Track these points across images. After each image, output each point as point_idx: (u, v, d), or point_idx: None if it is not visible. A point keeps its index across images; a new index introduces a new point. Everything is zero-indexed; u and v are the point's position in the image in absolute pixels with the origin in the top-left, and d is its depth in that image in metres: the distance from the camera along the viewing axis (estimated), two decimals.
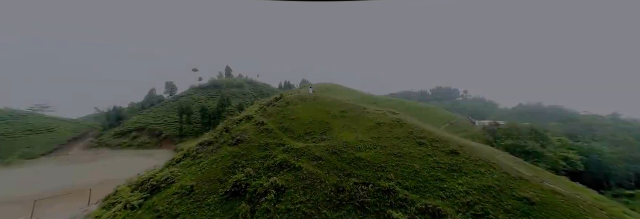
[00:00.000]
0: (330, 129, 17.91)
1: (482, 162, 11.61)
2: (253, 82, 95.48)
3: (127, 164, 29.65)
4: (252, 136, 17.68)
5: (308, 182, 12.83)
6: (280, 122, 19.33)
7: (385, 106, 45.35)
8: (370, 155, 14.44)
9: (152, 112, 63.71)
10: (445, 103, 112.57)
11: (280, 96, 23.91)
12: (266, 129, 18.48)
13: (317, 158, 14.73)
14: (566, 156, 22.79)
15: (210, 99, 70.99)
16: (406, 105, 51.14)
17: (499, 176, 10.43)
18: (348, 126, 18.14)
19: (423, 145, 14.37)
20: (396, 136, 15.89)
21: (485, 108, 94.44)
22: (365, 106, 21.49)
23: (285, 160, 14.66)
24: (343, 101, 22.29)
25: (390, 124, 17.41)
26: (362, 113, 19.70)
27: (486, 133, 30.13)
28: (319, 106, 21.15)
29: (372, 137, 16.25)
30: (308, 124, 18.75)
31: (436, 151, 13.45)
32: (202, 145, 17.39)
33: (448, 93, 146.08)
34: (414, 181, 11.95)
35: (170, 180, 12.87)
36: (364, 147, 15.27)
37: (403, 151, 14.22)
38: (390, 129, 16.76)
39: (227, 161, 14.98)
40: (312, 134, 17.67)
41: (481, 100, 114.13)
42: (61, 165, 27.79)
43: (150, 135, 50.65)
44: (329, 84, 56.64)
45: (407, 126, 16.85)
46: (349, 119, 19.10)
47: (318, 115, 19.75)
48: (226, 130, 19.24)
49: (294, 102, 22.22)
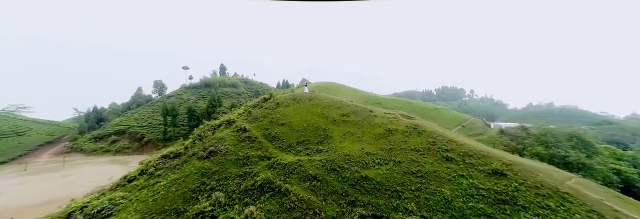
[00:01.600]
0: (329, 138, 14.67)
1: (548, 191, 8.36)
2: (249, 81, 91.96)
3: (94, 174, 26.24)
4: (230, 146, 14.40)
5: (297, 214, 9.59)
6: (266, 129, 16.07)
7: (391, 107, 42.18)
8: (381, 174, 11.21)
9: (136, 113, 60.26)
10: (451, 103, 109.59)
11: (270, 96, 20.64)
12: (248, 138, 15.21)
13: (311, 178, 11.49)
14: (618, 169, 19.50)
15: (201, 100, 67.56)
16: (413, 106, 47.95)
17: (585, 218, 7.18)
18: (351, 133, 14.90)
19: (452, 161, 11.13)
20: (414, 147, 12.64)
21: (494, 108, 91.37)
22: (372, 108, 18.22)
23: (268, 180, 11.41)
24: (344, 102, 19.03)
25: (404, 131, 14.16)
26: (368, 117, 16.45)
27: (508, 138, 26.88)
28: (316, 109, 17.88)
29: (382, 148, 13.00)
30: (301, 131, 15.50)
31: (472, 171, 10.20)
32: (166, 158, 14.10)
33: (454, 93, 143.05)
34: (445, 216, 8.71)
35: (107, 213, 9.57)
36: (372, 162, 12.05)
37: (425, 169, 10.99)
38: (405, 138, 13.51)
39: (192, 181, 11.70)
40: (306, 144, 14.43)
41: (489, 100, 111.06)
42: (9, 178, 24.27)
43: (131, 139, 47.25)
44: (328, 82, 53.29)
45: (426, 133, 13.60)
46: (351, 124, 15.84)
47: (314, 119, 16.49)
48: (200, 138, 15.95)
49: (286, 103, 18.94)
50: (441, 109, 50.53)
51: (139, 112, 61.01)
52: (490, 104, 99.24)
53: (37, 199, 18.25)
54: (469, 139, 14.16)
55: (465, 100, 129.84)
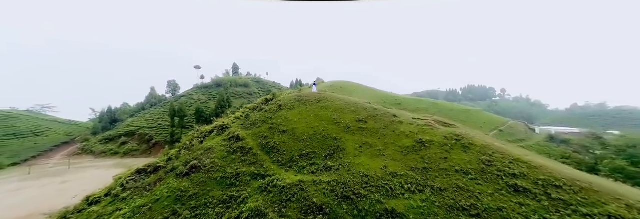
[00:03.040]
0: (341, 150, 11.65)
1: None
2: (261, 81, 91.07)
3: (92, 181, 25.21)
4: (217, 159, 11.85)
5: None
6: (264, 137, 13.36)
7: (413, 109, 38.00)
8: (415, 208, 8.03)
9: (148, 114, 60.91)
10: (479, 104, 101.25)
11: (272, 96, 17.99)
12: (242, 148, 12.58)
13: (316, 209, 8.58)
14: None
15: (212, 100, 67.19)
16: (439, 107, 43.25)
17: None
18: (369, 145, 11.76)
19: (525, 194, 7.64)
20: (460, 168, 9.26)
21: (532, 109, 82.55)
22: (396, 112, 14.90)
23: (258, 211, 8.65)
24: (360, 104, 15.88)
25: (443, 143, 10.76)
26: (392, 124, 13.18)
27: (571, 147, 22.05)
28: (325, 112, 14.91)
29: (414, 168, 9.76)
30: (306, 141, 12.62)
31: (569, 214, 6.66)
32: (141, 174, 11.84)
33: (482, 92, 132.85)
34: None
35: None
36: (400, 188, 8.89)
37: (483, 204, 7.63)
38: (446, 154, 10.14)
39: (160, 210, 9.23)
40: (312, 158, 11.53)
41: (525, 100, 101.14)
42: (9, 182, 23.83)
43: (140, 141, 47.24)
44: (343, 81, 50.03)
45: (476, 148, 10.12)
46: (370, 133, 12.69)
47: (322, 126, 13.54)
48: (186, 147, 13.59)
49: (289, 105, 16.16)
50: (472, 110, 45.35)
51: (151, 113, 61.64)
52: (526, 104, 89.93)
53: (21, 211, 17.06)
54: (545, 159, 10.30)
55: (496, 100, 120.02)
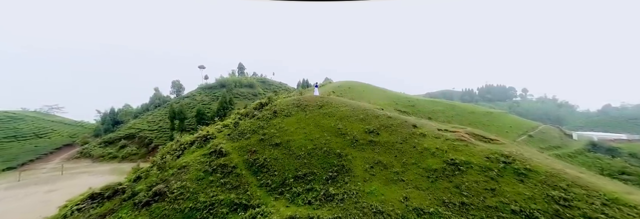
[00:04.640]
0: (347, 172, 9.17)
1: None
2: (267, 81, 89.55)
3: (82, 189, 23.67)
4: (190, 182, 9.61)
5: None
6: (252, 152, 11.04)
7: (428, 112, 34.75)
8: None
9: (150, 115, 60.25)
10: (498, 104, 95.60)
11: (268, 101, 15.68)
12: (223, 166, 10.32)
13: None
14: None
15: (215, 101, 65.92)
16: (456, 109, 39.61)
17: None
18: (383, 165, 9.22)
19: None
20: (519, 207, 6.58)
21: (560, 111, 76.63)
22: (415, 121, 12.24)
23: None
24: (371, 111, 13.30)
25: (486, 167, 8.08)
26: (411, 137, 10.56)
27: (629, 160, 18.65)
28: (328, 120, 12.43)
29: (447, 201, 7.18)
30: (304, 157, 10.20)
31: None
32: (94, 200, 9.74)
33: (501, 92, 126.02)
34: None
35: None
36: None
37: None
38: (493, 184, 7.46)
39: None
40: (310, 181, 9.12)
41: (551, 100, 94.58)
42: None
43: (140, 144, 46.23)
44: (352, 81, 47.34)
45: (538, 176, 7.40)
46: (384, 148, 10.13)
47: (324, 138, 11.09)
48: (158, 165, 11.45)
49: (286, 111, 13.77)
50: (495, 113, 41.58)
51: (154, 114, 60.91)
52: (552, 105, 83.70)
53: None
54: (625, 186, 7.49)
55: (517, 100, 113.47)
